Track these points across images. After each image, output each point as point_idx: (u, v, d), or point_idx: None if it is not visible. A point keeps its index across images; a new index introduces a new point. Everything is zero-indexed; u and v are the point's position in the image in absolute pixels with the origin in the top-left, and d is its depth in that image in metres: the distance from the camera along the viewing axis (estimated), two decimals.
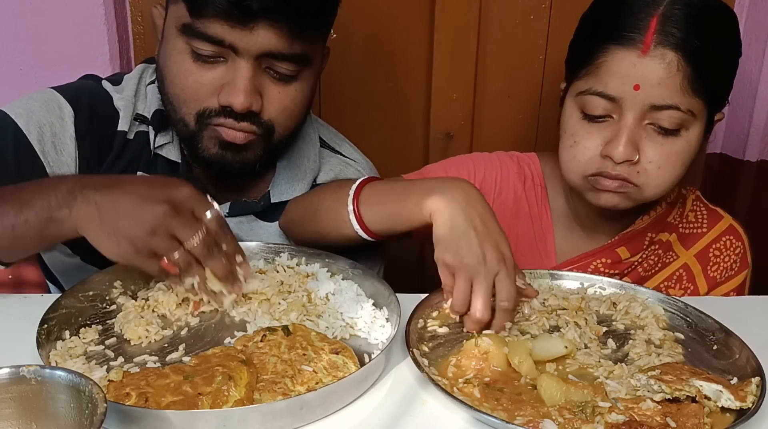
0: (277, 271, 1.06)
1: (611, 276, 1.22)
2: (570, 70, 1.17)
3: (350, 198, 1.06)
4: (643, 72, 1.05)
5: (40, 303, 0.93)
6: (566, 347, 0.90)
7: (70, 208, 0.90)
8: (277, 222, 1.24)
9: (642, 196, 1.14)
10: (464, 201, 0.96)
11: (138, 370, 0.84)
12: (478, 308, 0.93)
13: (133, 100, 1.18)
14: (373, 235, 1.07)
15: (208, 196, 0.94)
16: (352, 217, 1.05)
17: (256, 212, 1.23)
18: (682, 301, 1.03)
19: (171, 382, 0.78)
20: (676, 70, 1.04)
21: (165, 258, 0.89)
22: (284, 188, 1.23)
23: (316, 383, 0.82)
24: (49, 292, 1.31)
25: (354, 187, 1.07)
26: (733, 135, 1.77)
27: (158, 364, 0.86)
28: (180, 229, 0.90)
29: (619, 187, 1.12)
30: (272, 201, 1.22)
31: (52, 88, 1.16)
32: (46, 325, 0.88)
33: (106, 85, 1.20)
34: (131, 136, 1.17)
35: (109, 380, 0.79)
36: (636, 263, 1.25)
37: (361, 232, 1.06)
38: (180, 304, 0.98)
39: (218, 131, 1.08)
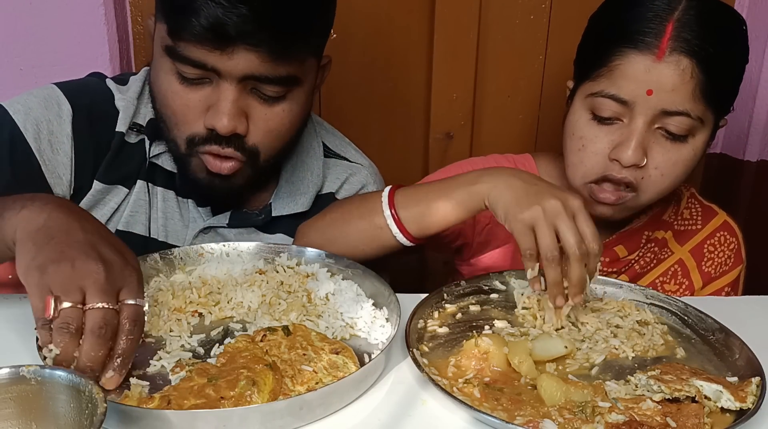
0: (277, 271, 1.06)
1: (609, 274, 1.22)
2: (580, 70, 1.16)
3: (384, 204, 1.05)
4: (657, 77, 1.05)
5: None
6: (566, 347, 0.90)
7: (22, 207, 0.83)
8: (278, 234, 1.23)
9: (637, 204, 1.15)
10: (513, 174, 0.99)
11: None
12: (573, 243, 0.91)
13: (135, 102, 1.16)
14: (412, 239, 1.06)
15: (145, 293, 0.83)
16: (390, 221, 1.04)
17: (257, 225, 1.22)
18: (682, 301, 1.03)
19: (195, 384, 0.77)
20: (689, 77, 1.05)
21: (54, 299, 0.76)
22: (286, 202, 1.22)
23: (316, 383, 0.82)
24: None
25: (386, 194, 1.07)
26: (733, 135, 1.77)
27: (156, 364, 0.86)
28: (92, 288, 0.77)
29: (616, 201, 1.12)
30: (273, 214, 1.21)
31: (56, 83, 1.15)
32: None
33: (110, 83, 1.18)
34: (132, 141, 1.16)
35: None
36: (633, 261, 1.26)
37: (400, 237, 1.05)
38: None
39: (203, 159, 1.07)
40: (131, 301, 0.79)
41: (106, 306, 0.77)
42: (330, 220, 1.14)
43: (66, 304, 0.76)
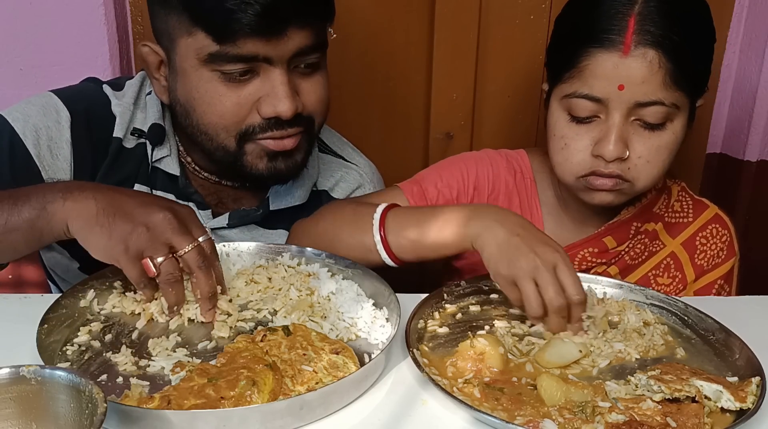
0: (276, 269, 1.06)
1: (598, 265, 1.23)
2: (552, 73, 1.18)
3: (375, 228, 1.08)
4: (626, 72, 1.07)
5: (40, 303, 0.93)
6: (581, 351, 0.90)
7: (64, 199, 0.90)
8: (279, 230, 1.23)
9: (634, 190, 1.16)
10: (500, 219, 1.01)
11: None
12: (551, 297, 0.93)
13: (131, 107, 1.17)
14: (401, 264, 1.09)
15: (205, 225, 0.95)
16: (380, 247, 1.07)
17: (256, 221, 1.23)
18: (682, 302, 1.03)
19: (195, 384, 0.78)
20: (658, 68, 1.06)
21: (149, 259, 0.89)
22: (283, 195, 1.22)
23: (316, 383, 0.82)
24: (49, 292, 1.31)
25: (377, 216, 1.08)
26: (733, 135, 1.77)
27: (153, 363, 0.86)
28: (176, 237, 0.89)
29: (613, 186, 1.13)
30: (271, 208, 1.22)
31: (52, 91, 1.15)
32: (46, 325, 0.88)
33: (106, 89, 1.19)
34: (130, 146, 1.16)
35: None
36: (623, 252, 1.26)
37: (388, 261, 1.08)
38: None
39: (263, 144, 1.08)
40: (204, 238, 0.92)
41: (194, 244, 0.90)
42: (322, 230, 1.15)
43: (160, 259, 0.89)
